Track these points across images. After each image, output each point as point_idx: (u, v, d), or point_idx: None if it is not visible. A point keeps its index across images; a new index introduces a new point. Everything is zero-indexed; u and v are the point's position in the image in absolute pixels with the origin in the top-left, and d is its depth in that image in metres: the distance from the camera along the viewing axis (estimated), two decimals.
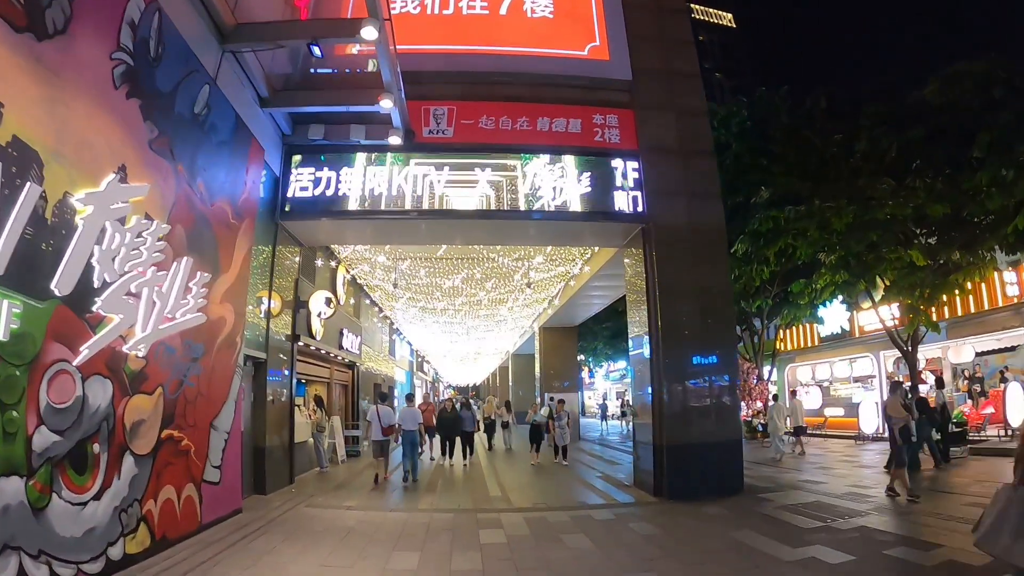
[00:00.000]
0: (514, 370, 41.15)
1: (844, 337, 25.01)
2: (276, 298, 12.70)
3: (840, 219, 16.69)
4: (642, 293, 12.63)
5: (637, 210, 12.59)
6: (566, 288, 20.06)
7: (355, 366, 20.86)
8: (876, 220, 16.25)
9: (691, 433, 11.79)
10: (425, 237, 13.78)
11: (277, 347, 12.61)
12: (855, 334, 24.47)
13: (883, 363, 23.18)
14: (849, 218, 16.57)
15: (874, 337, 23.18)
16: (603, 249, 15.49)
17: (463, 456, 17.38)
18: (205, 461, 8.97)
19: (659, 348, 11.99)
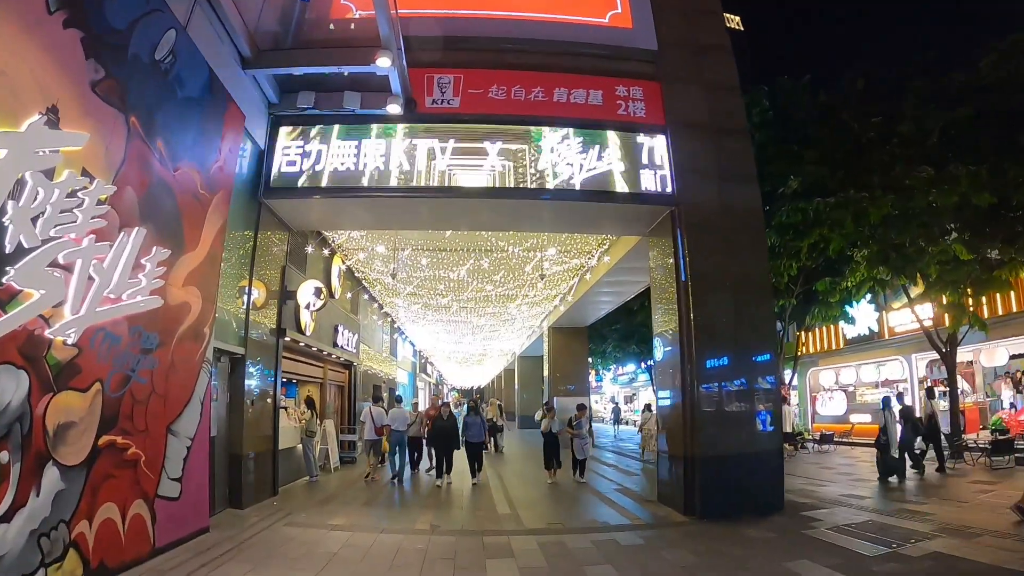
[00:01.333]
0: (520, 372, 40.01)
1: (872, 339, 23.51)
2: (260, 287, 11.32)
3: (878, 209, 15.34)
4: (670, 285, 11.22)
5: (665, 191, 11.20)
6: (581, 283, 18.54)
7: (352, 366, 19.43)
8: (920, 208, 14.86)
9: (726, 443, 10.38)
10: (427, 219, 12.31)
11: (258, 342, 11.21)
12: (884, 335, 22.98)
13: (915, 366, 21.67)
14: (887, 208, 15.26)
15: (905, 339, 21.71)
16: (624, 238, 14.05)
17: (471, 474, 14.27)
18: (160, 473, 7.55)
19: (690, 346, 10.56)
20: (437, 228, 13.31)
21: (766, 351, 11.17)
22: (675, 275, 11.01)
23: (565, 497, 12.50)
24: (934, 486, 12.81)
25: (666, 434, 11.38)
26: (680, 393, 10.65)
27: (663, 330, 11.59)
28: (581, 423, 14.79)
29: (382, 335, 26.16)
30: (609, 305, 22.14)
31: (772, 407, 10.89)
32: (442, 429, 14.01)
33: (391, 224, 12.95)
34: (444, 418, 14.15)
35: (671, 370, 11.19)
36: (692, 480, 10.24)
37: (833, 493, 12.31)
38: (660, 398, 11.93)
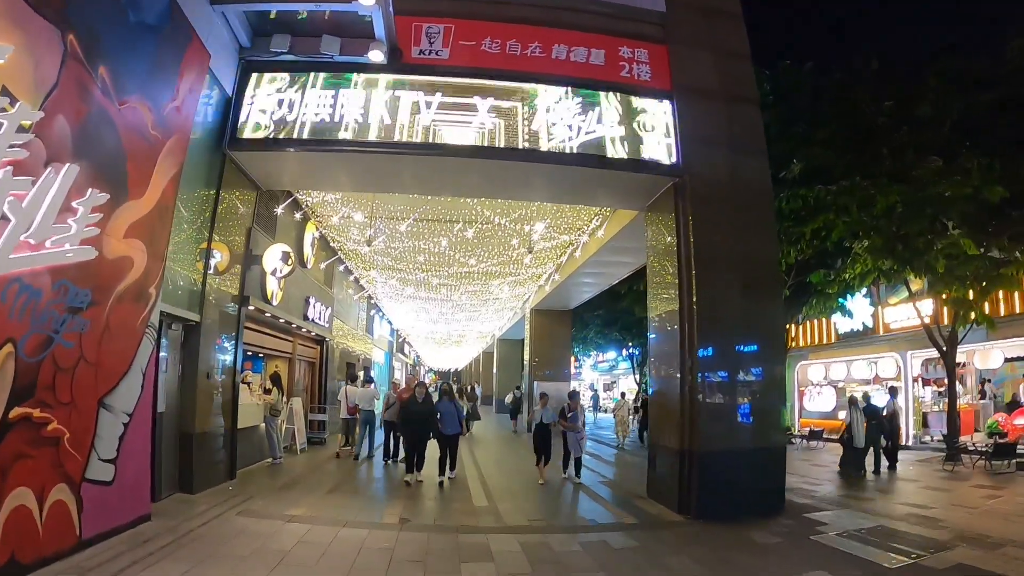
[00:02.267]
0: (499, 356, 39.18)
1: (866, 334, 22.76)
2: (222, 249, 10.27)
3: (885, 198, 14.53)
4: (670, 264, 10.32)
5: (670, 160, 10.27)
6: (569, 261, 17.54)
7: (324, 341, 18.34)
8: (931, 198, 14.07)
9: (727, 438, 9.55)
10: (408, 181, 11.19)
11: (217, 309, 10.17)
12: (879, 331, 22.24)
13: (910, 364, 20.98)
14: (895, 198, 14.44)
15: (901, 335, 21.02)
16: (619, 213, 13.09)
17: (441, 470, 11.74)
18: (88, 453, 6.52)
19: (690, 331, 9.68)
20: (419, 192, 12.16)
21: (773, 340, 10.33)
22: (676, 253, 10.11)
23: (547, 489, 11.61)
24: (940, 489, 12.16)
25: (660, 425, 10.51)
26: (677, 382, 9.77)
27: (660, 313, 10.70)
28: (576, 415, 12.52)
29: (358, 311, 25.07)
30: (596, 288, 21.15)
31: (777, 401, 10.05)
32: (415, 414, 11.56)
33: (369, 186, 11.83)
34: (419, 401, 11.55)
35: (668, 357, 10.31)
36: (688, 476, 9.39)
37: (831, 493, 11.67)
38: (655, 387, 11.06)
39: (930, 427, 20.23)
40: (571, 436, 12.56)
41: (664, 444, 10.14)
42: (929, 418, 20.37)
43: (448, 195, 12.35)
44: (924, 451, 18.91)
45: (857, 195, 14.96)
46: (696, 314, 9.63)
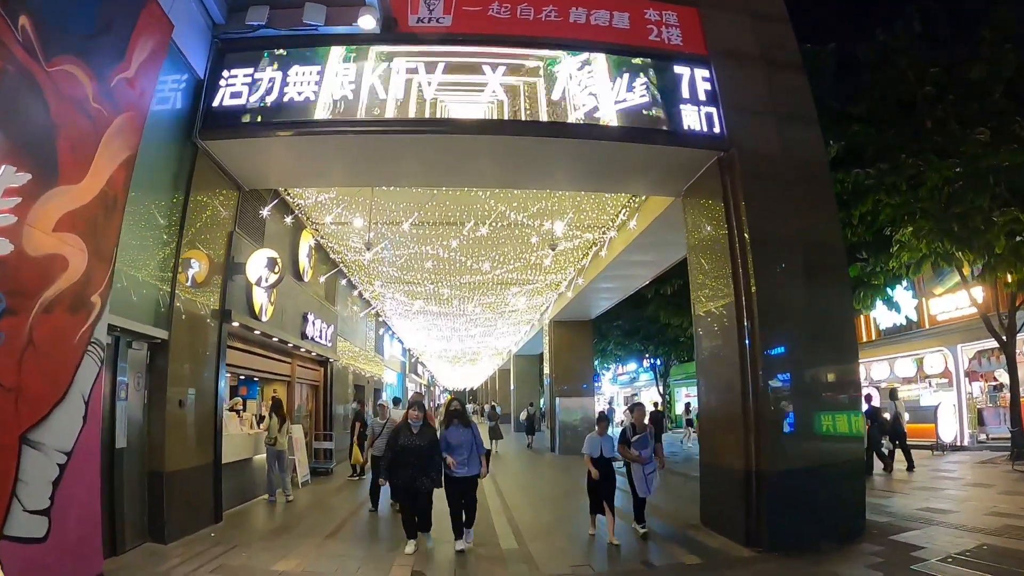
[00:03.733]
0: (516, 372, 37.88)
1: (910, 329, 21.07)
2: (199, 257, 8.93)
3: (938, 173, 13.13)
4: (719, 252, 8.84)
5: (712, 131, 8.85)
6: (593, 263, 15.95)
7: (328, 362, 16.86)
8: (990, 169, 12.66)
9: (800, 454, 7.99)
10: (410, 168, 9.61)
11: (192, 325, 8.76)
12: (924, 325, 20.54)
13: (961, 357, 19.28)
14: (949, 172, 13.05)
15: (950, 327, 19.36)
16: (651, 202, 11.58)
17: (456, 532, 7.99)
18: (8, 504, 5.05)
19: (751, 329, 8.17)
20: (423, 183, 10.66)
21: (844, 333, 8.81)
22: (728, 239, 8.63)
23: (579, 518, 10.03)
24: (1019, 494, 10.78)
25: (716, 443, 8.96)
26: (738, 390, 8.21)
27: (709, 310, 9.19)
28: (644, 438, 8.73)
29: (366, 330, 23.59)
30: (620, 293, 19.49)
31: (853, 405, 8.48)
32: (409, 452, 7.79)
33: (366, 178, 10.28)
34: (414, 431, 7.86)
35: (722, 360, 8.78)
36: (756, 502, 7.83)
37: (907, 506, 10.09)
38: (706, 397, 9.52)
39: (986, 424, 18.52)
40: (637, 470, 8.63)
41: (722, 465, 8.58)
42: (985, 415, 18.64)
43: (456, 185, 10.79)
44: (982, 451, 17.31)
45: (906, 172, 13.57)
46: (757, 307, 8.11)
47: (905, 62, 14.73)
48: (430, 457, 7.76)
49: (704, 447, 9.52)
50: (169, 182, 8.37)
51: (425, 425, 7.95)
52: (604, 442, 8.67)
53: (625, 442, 8.77)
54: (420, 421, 7.88)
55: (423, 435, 7.87)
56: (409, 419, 7.90)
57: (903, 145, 14.36)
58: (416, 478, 7.71)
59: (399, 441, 7.88)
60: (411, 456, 7.74)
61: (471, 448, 7.96)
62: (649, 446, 8.73)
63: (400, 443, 7.86)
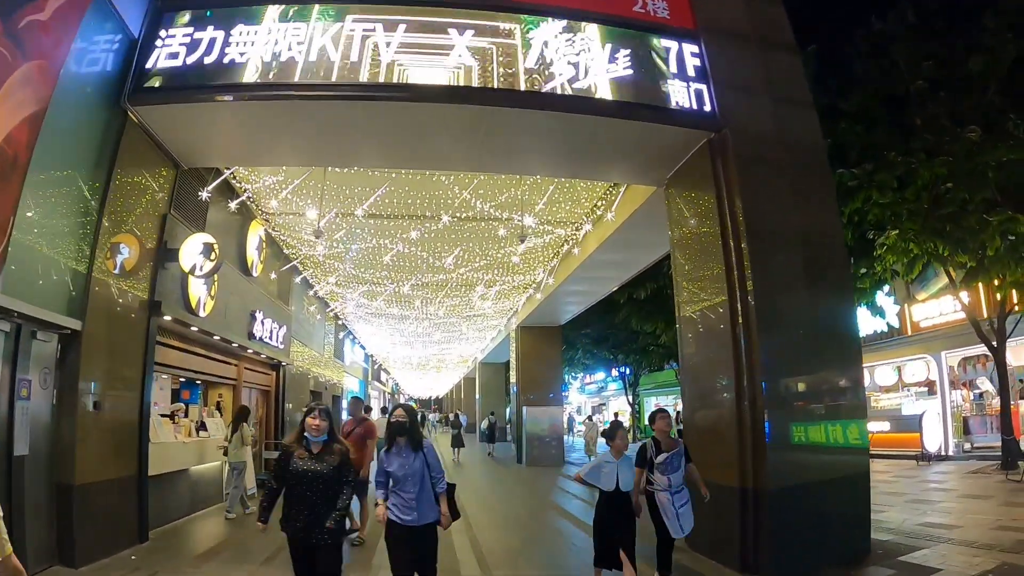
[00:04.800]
0: (481, 381, 37.06)
1: (891, 336, 20.55)
2: (129, 242, 7.88)
3: (930, 171, 12.59)
4: (710, 245, 8.00)
5: (703, 108, 8.00)
6: (564, 263, 15.03)
7: (280, 366, 15.69)
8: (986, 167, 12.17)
9: (801, 467, 7.16)
10: (367, 145, 8.60)
11: (113, 316, 7.66)
12: (907, 331, 20.04)
13: (944, 365, 18.81)
14: (941, 170, 12.51)
15: (934, 334, 18.89)
16: (631, 193, 10.68)
17: None
18: None
19: (747, 329, 7.32)
20: (379, 163, 9.48)
21: (847, 335, 8.04)
22: (720, 231, 7.78)
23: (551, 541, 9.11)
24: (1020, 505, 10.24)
25: (704, 458, 8.06)
26: (731, 399, 7.37)
27: (697, 311, 8.33)
28: (674, 459, 6.46)
29: (324, 333, 22.38)
30: (590, 298, 18.46)
31: (856, 414, 7.69)
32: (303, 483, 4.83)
33: (315, 155, 9.03)
34: (311, 451, 4.92)
35: (712, 367, 7.93)
36: (753, 523, 6.98)
37: (906, 522, 9.39)
38: (692, 407, 8.65)
39: (972, 433, 18.06)
40: (666, 503, 6.39)
41: (712, 481, 7.69)
42: (971, 423, 18.18)
43: (416, 166, 9.65)
44: (968, 460, 16.85)
45: (897, 170, 13.02)
46: (754, 307, 7.27)
47: (899, 53, 14.18)
48: (334, 492, 4.81)
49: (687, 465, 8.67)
50: (93, 152, 7.31)
51: (331, 442, 4.95)
52: (623, 468, 5.99)
53: (645, 464, 6.40)
54: (323, 435, 4.89)
55: (325, 457, 4.84)
56: (308, 431, 4.88)
57: (891, 144, 13.81)
58: (311, 528, 4.69)
59: (289, 465, 4.81)
60: (305, 489, 4.73)
61: (421, 481, 5.07)
62: (680, 469, 6.45)
63: (291, 468, 4.79)
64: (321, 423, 4.89)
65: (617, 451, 6.07)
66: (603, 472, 6.00)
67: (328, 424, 4.95)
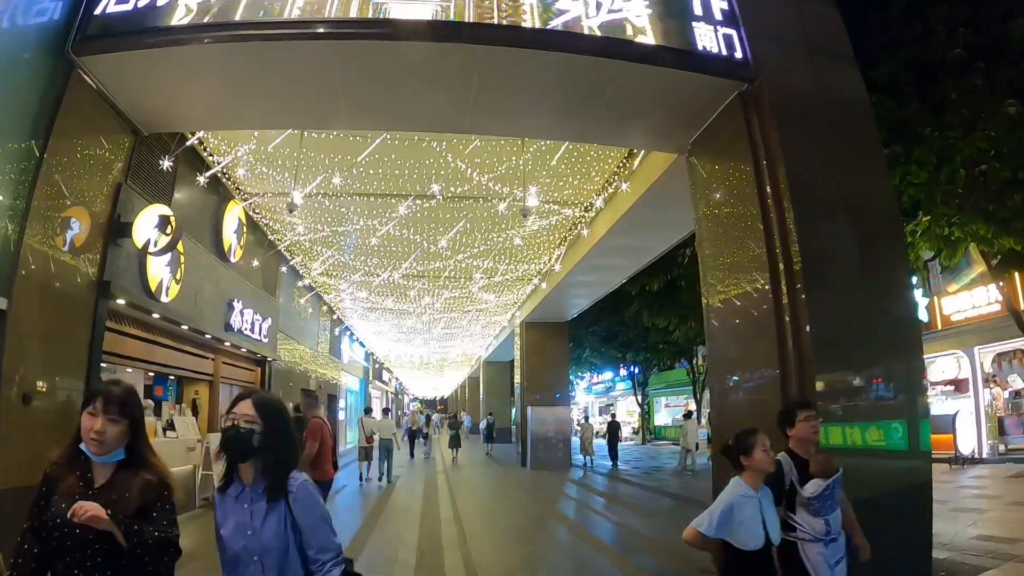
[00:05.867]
0: (486, 380, 36.06)
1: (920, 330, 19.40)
2: (80, 215, 6.86)
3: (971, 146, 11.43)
4: (744, 217, 6.81)
5: (733, 55, 6.83)
6: (572, 249, 13.86)
7: (266, 362, 14.60)
8: None
9: (858, 479, 5.86)
10: (342, 100, 7.39)
11: (49, 296, 6.56)
12: (936, 326, 18.85)
13: (978, 361, 17.63)
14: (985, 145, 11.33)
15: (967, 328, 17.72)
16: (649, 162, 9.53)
17: None
18: None
19: (796, 314, 6.08)
20: (359, 124, 8.27)
21: (907, 320, 6.86)
22: (757, 199, 6.58)
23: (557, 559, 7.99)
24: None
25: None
26: (775, 399, 6.12)
27: (731, 296, 7.12)
28: (830, 491, 3.92)
29: (318, 328, 21.31)
30: (602, 287, 17.09)
31: (918, 412, 6.53)
32: (67, 546, 2.36)
33: (288, 116, 7.95)
34: (93, 488, 2.48)
35: (750, 362, 6.73)
36: None
37: (958, 535, 8.45)
38: (722, 409, 7.47)
39: (1007, 434, 16.87)
40: (821, 561, 3.83)
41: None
42: (1007, 423, 16.98)
43: (400, 127, 8.37)
44: (1004, 463, 15.71)
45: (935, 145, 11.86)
46: (806, 291, 6.09)
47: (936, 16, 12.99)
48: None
49: (719, 472, 7.43)
50: (31, 111, 6.25)
51: (135, 463, 2.57)
52: (769, 507, 3.57)
53: (785, 495, 3.96)
54: (112, 450, 2.51)
55: (116, 494, 2.49)
56: (84, 440, 2.51)
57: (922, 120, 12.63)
58: None
59: (45, 512, 2.43)
60: (74, 565, 2.37)
61: (278, 568, 2.53)
62: (836, 506, 4.01)
63: (48, 517, 2.40)
64: (106, 427, 2.46)
65: (757, 476, 3.58)
66: (740, 519, 3.41)
67: (132, 425, 2.54)
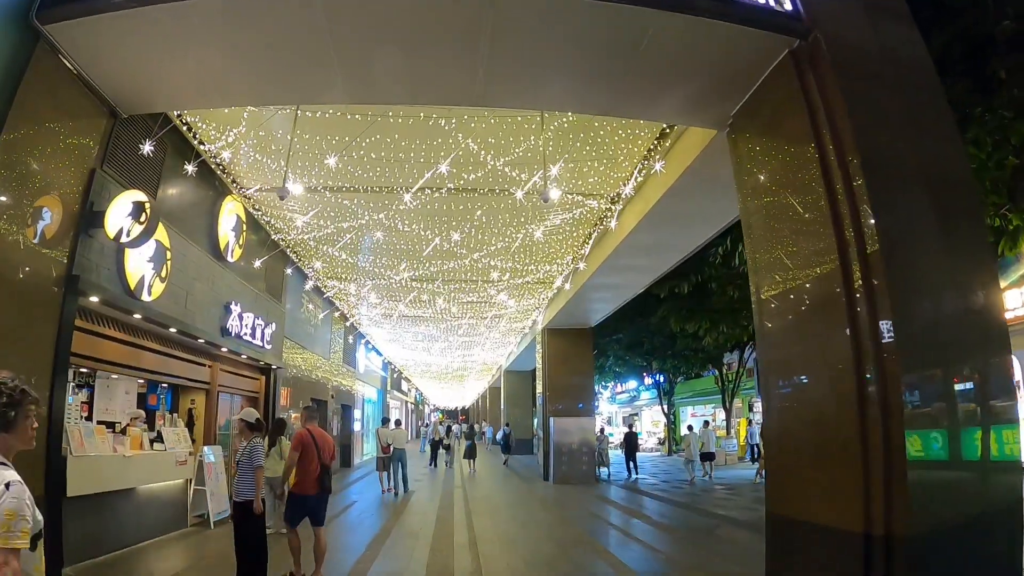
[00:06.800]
0: (507, 390, 35.04)
1: None
2: (52, 204, 6.23)
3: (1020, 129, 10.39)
4: (806, 190, 5.73)
5: (782, 5, 5.87)
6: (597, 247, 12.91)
7: (271, 370, 13.74)
8: None
9: (950, 497, 4.90)
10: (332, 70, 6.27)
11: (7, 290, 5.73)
12: None
13: None
14: None
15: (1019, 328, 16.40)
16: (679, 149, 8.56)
17: None
18: None
19: (874, 304, 4.99)
20: (353, 95, 6.93)
21: (990, 306, 5.76)
22: (820, 169, 5.55)
23: None
24: None
25: (795, 485, 5.87)
26: (850, 405, 5.08)
27: (790, 286, 6.07)
28: None
29: (330, 336, 20.45)
30: (628, 290, 15.97)
31: (1011, 415, 5.44)
32: None
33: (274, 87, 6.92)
34: None
35: (813, 360, 5.68)
36: None
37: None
38: (779, 416, 6.40)
39: None
40: None
41: (811, 520, 5.47)
42: None
43: (403, 99, 7.37)
44: None
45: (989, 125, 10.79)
46: (885, 274, 5.03)
47: None
48: None
49: (774, 492, 6.33)
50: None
51: None
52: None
53: None
54: None
55: None
56: None
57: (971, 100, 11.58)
58: None
59: None
60: None
61: None
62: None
63: None
64: None
65: None
66: None
67: None
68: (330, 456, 7.57)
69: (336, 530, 11.03)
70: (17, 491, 2.34)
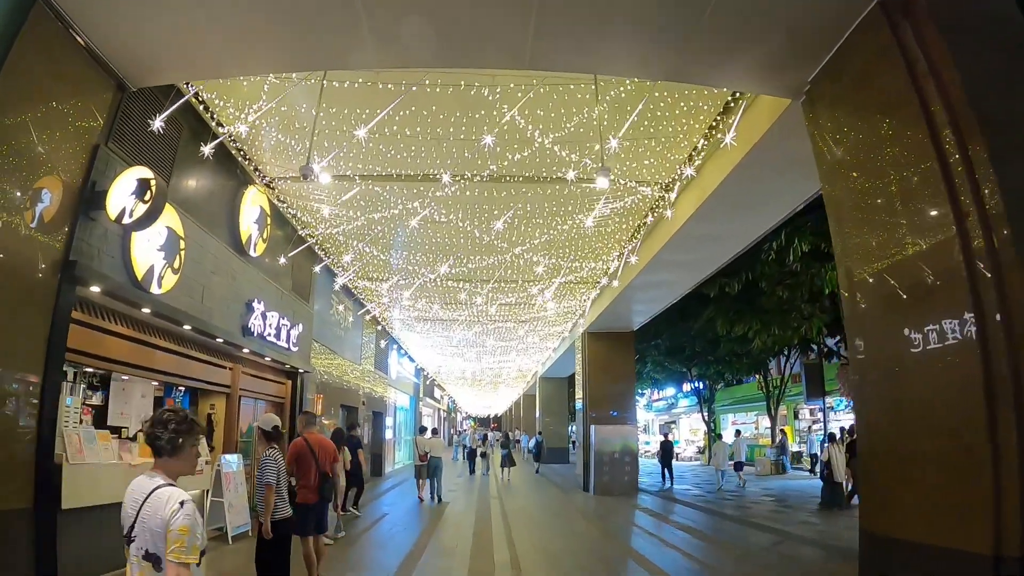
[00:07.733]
0: (542, 397, 34.21)
1: None
2: (52, 185, 5.62)
3: None
4: (908, 153, 4.82)
5: None
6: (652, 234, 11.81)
7: (298, 374, 12.99)
8: None
9: None
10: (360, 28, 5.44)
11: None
12: None
13: None
14: None
15: None
16: (748, 118, 7.62)
17: None
18: None
19: (1002, 279, 4.11)
20: (384, 59, 6.10)
21: None
22: (925, 125, 4.63)
23: None
24: None
25: (898, 498, 4.89)
26: (975, 404, 4.12)
27: (892, 263, 5.10)
28: None
29: (362, 340, 19.75)
30: (675, 289, 15.02)
31: None
32: None
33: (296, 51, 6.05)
34: None
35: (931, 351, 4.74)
36: None
37: None
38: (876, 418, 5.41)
39: None
40: None
41: (920, 541, 4.49)
42: None
43: (439, 63, 6.54)
44: None
45: None
46: (1013, 239, 4.10)
47: None
48: None
49: (871, 506, 5.36)
50: None
51: None
52: None
53: None
54: None
55: None
56: None
57: None
58: None
59: None
60: None
61: None
62: None
63: None
64: None
65: None
66: None
67: None
68: (331, 463, 7.30)
69: (365, 545, 10.30)
70: (190, 508, 2.58)
